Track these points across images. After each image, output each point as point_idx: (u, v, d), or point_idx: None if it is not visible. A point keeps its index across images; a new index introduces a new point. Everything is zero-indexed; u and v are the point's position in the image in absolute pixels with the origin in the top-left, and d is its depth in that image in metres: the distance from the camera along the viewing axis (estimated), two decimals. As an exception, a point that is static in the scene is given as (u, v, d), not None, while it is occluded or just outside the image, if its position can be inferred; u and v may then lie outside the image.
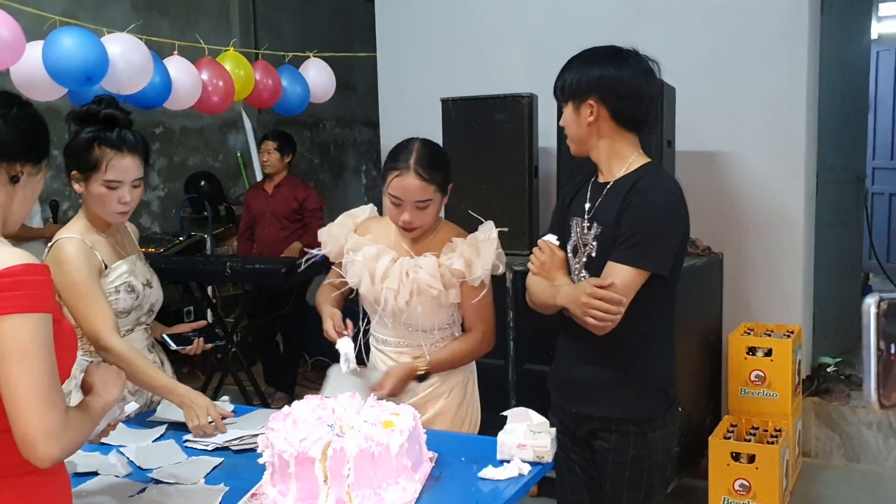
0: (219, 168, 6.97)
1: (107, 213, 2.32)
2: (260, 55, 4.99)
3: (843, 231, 4.91)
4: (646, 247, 2.00)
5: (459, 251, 2.34)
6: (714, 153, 4.18)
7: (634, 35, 4.36)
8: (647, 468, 2.12)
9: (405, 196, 2.27)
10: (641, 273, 2.00)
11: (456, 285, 2.35)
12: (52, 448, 1.38)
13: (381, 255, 2.38)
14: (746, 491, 3.46)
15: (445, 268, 2.33)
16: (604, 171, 2.16)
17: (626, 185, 2.07)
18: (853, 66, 4.91)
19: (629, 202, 2.03)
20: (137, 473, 2.00)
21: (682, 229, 2.09)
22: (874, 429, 4.06)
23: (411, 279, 2.32)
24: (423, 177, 2.25)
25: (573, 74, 2.10)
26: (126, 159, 2.27)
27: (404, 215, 2.29)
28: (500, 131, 3.95)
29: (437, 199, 2.32)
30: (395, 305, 2.33)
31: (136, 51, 3.80)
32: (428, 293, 2.32)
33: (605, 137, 2.10)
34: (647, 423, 2.11)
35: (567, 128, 2.14)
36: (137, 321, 2.44)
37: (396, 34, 4.98)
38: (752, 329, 3.97)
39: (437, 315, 2.38)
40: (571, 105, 2.10)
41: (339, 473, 1.73)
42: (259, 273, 4.71)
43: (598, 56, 2.10)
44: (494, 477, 1.86)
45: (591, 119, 2.08)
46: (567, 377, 2.19)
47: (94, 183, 2.27)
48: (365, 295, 2.41)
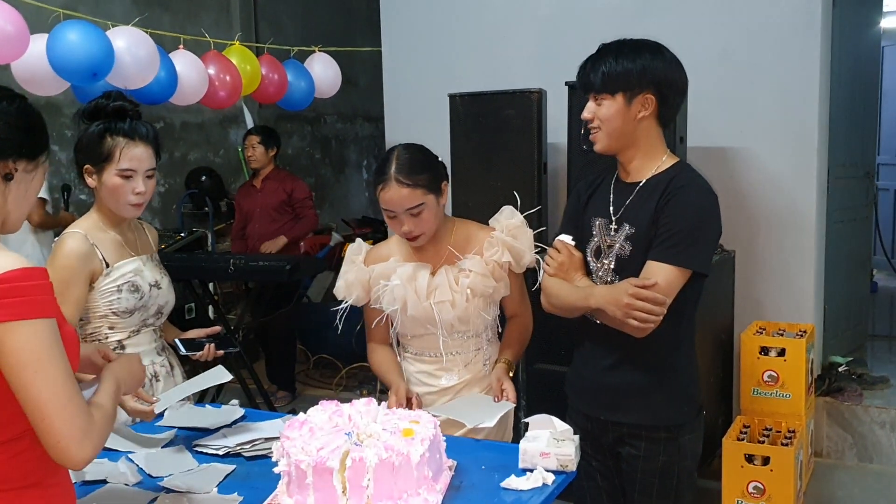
0: (220, 163, 6.91)
1: (121, 205, 2.30)
2: (266, 49, 4.91)
3: (853, 228, 4.86)
4: (687, 245, 1.96)
5: (502, 244, 2.31)
6: (725, 149, 4.13)
7: (644, 29, 4.30)
8: (676, 474, 2.08)
9: (395, 207, 2.23)
10: (684, 272, 1.97)
11: (505, 277, 2.35)
12: (87, 449, 1.37)
13: (417, 271, 2.32)
14: (761, 493, 3.42)
15: (493, 263, 2.31)
16: (631, 170, 2.10)
17: (661, 184, 2.03)
18: (863, 61, 4.85)
19: (667, 201, 1.99)
20: (148, 482, 1.94)
21: (718, 229, 2.06)
22: (887, 428, 4.02)
23: (463, 285, 2.28)
24: (406, 183, 2.20)
25: (626, 64, 2.00)
26: (139, 148, 2.28)
27: (403, 226, 2.25)
28: (509, 127, 3.90)
29: (431, 201, 2.25)
30: (454, 316, 2.29)
31: (143, 45, 3.73)
32: (485, 293, 2.30)
33: (645, 135, 2.05)
34: (678, 429, 2.07)
35: (608, 121, 2.04)
36: (143, 322, 2.39)
37: (401, 28, 4.91)
38: (765, 328, 3.92)
39: (489, 314, 2.37)
40: (621, 97, 2.01)
41: (358, 484, 1.67)
42: (263, 270, 4.65)
43: (646, 47, 2.03)
44: (518, 487, 1.80)
45: (644, 114, 2.01)
46: (594, 384, 2.15)
47: (108, 174, 2.26)
48: (414, 316, 2.32)
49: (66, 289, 2.20)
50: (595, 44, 4.57)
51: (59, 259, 2.23)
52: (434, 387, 2.36)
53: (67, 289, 2.21)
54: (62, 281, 2.19)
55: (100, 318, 2.32)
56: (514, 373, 2.35)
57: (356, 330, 5.79)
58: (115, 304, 2.31)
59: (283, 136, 7.71)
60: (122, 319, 2.34)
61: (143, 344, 2.40)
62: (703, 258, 2.01)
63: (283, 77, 4.70)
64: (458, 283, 2.27)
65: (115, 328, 2.35)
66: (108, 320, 2.33)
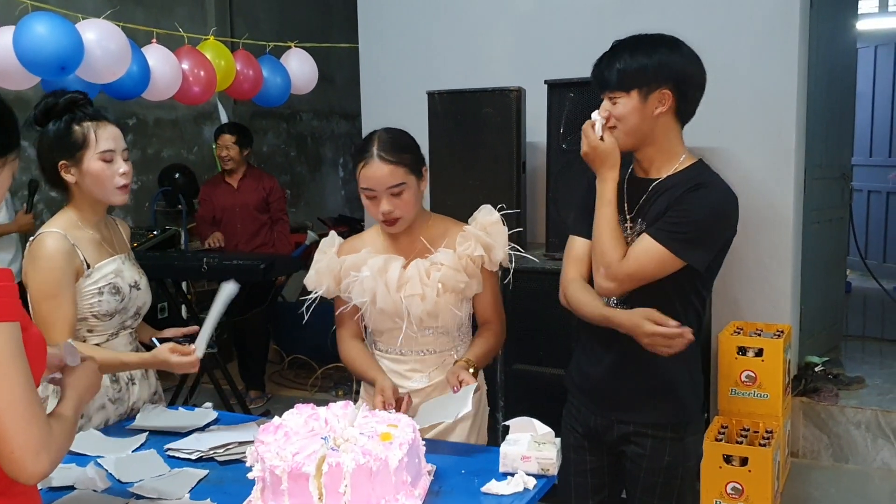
0: (193, 160, 6.81)
1: (108, 191, 2.24)
2: (241, 45, 4.84)
3: (829, 228, 4.88)
4: (692, 238, 1.94)
5: (475, 238, 2.25)
6: (703, 149, 4.06)
7: (624, 28, 4.28)
8: (680, 474, 2.07)
9: (376, 185, 2.17)
10: (676, 260, 1.94)
11: (477, 274, 2.27)
12: (42, 463, 1.30)
13: (389, 263, 2.26)
14: (739, 494, 3.41)
15: (466, 258, 2.24)
16: (649, 167, 2.06)
17: (682, 182, 1.99)
18: (839, 62, 4.87)
19: (688, 192, 1.95)
20: (117, 487, 1.88)
21: (730, 233, 2.02)
22: (862, 429, 4.03)
23: (434, 279, 2.21)
24: (389, 160, 2.15)
25: (641, 59, 1.95)
26: (110, 127, 2.25)
27: (382, 206, 2.18)
28: (488, 125, 3.86)
29: (412, 182, 2.20)
30: (423, 310, 2.21)
31: (114, 38, 3.65)
32: (456, 288, 2.23)
33: (663, 132, 2.01)
34: (684, 429, 2.06)
35: (624, 119, 1.99)
36: (122, 325, 2.32)
37: (379, 24, 4.86)
38: (742, 328, 3.92)
39: (461, 310, 2.29)
40: (637, 94, 1.96)
41: (335, 490, 1.63)
42: (237, 269, 4.58)
43: (662, 42, 1.99)
44: (498, 492, 1.77)
45: (661, 110, 1.97)
46: (601, 382, 2.12)
47: (89, 160, 2.21)
48: (383, 309, 2.25)
49: (60, 291, 2.14)
50: (575, 43, 4.57)
51: (45, 260, 2.15)
52: (403, 388, 2.26)
53: (61, 290, 2.15)
54: (55, 283, 2.13)
55: (79, 321, 2.24)
56: (475, 374, 2.18)
57: (331, 330, 5.75)
58: (96, 307, 2.24)
59: (258, 133, 7.64)
60: (102, 322, 2.27)
61: (121, 347, 2.34)
62: (701, 255, 1.97)
63: (259, 73, 4.64)
64: (429, 277, 2.21)
65: (94, 331, 2.28)
66: (87, 323, 2.26)
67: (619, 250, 1.98)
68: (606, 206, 2.01)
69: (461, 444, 2.15)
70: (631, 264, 1.96)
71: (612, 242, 1.98)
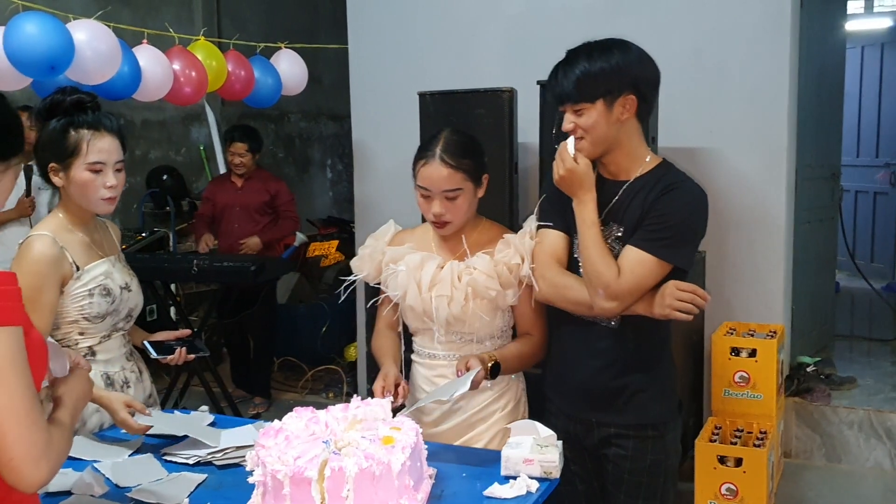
0: (181, 162, 6.77)
1: (92, 201, 2.21)
2: (231, 45, 4.80)
3: (820, 228, 4.91)
4: (674, 241, 1.96)
5: (514, 246, 2.18)
6: (695, 150, 4.12)
7: (614, 29, 4.26)
8: (663, 472, 2.08)
9: (432, 186, 2.15)
10: (663, 265, 1.95)
11: (514, 285, 2.18)
12: (42, 471, 1.27)
13: (425, 261, 2.22)
14: (734, 495, 3.41)
15: (502, 265, 2.17)
16: (615, 169, 2.06)
17: (650, 183, 2.00)
18: (829, 63, 4.90)
19: (661, 195, 1.96)
20: (115, 492, 1.86)
21: (704, 228, 2.05)
22: (855, 429, 4.05)
23: (465, 282, 2.16)
24: (450, 164, 2.13)
25: (600, 67, 1.93)
26: (106, 139, 2.20)
27: (434, 207, 2.16)
28: (480, 126, 3.83)
29: (469, 189, 2.17)
30: (450, 313, 2.16)
31: (104, 38, 3.61)
32: (486, 295, 2.16)
33: (628, 135, 2.01)
34: (664, 427, 2.06)
35: (592, 130, 1.97)
36: (114, 327, 2.30)
37: (369, 25, 4.84)
38: (735, 329, 3.92)
39: (493, 321, 2.21)
40: (602, 103, 1.95)
41: (337, 495, 1.61)
42: (227, 271, 4.56)
43: (615, 47, 1.98)
44: (501, 496, 1.75)
45: (626, 115, 1.97)
46: (581, 384, 2.11)
47: (77, 169, 2.17)
48: (412, 307, 2.22)
49: (38, 295, 2.10)
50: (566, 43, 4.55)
51: (29, 264, 2.12)
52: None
53: (40, 295, 2.11)
54: (33, 287, 2.09)
55: (70, 324, 2.22)
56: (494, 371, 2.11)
57: (322, 332, 5.75)
58: (87, 308, 2.22)
59: (247, 134, 7.60)
60: (93, 324, 2.24)
61: (114, 350, 2.31)
62: (686, 255, 2.00)
63: (250, 73, 4.60)
64: (460, 280, 2.18)
65: (85, 334, 2.25)
66: (78, 326, 2.23)
67: (614, 268, 1.96)
68: (591, 228, 2.00)
69: (463, 448, 2.13)
70: (628, 279, 1.95)
71: (604, 262, 1.97)
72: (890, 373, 4.67)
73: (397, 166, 4.59)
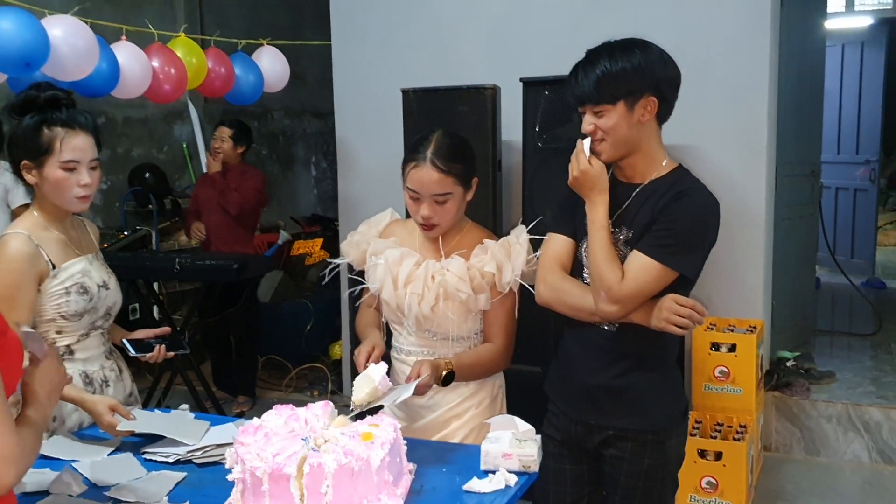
0: (164, 160, 6.73)
1: (67, 199, 2.19)
2: (212, 42, 4.78)
3: (799, 224, 4.95)
4: (682, 248, 1.93)
5: (491, 253, 2.19)
6: (676, 147, 4.06)
7: (595, 28, 4.28)
8: (660, 477, 2.06)
9: (422, 189, 2.15)
10: (669, 272, 1.92)
11: (486, 290, 2.18)
12: (10, 473, 1.26)
13: (404, 258, 2.23)
14: (714, 488, 3.44)
15: (476, 270, 2.18)
16: (630, 172, 2.03)
17: (664, 187, 1.97)
18: (809, 61, 4.94)
19: (672, 200, 1.94)
20: (93, 492, 1.85)
21: (714, 238, 2.01)
22: (833, 422, 4.09)
23: (437, 283, 2.17)
24: (441, 168, 2.13)
25: (621, 66, 1.90)
26: (80, 137, 2.17)
27: (423, 210, 2.16)
28: (463, 123, 3.84)
29: (458, 193, 2.18)
30: (420, 311, 2.17)
31: (81, 35, 3.58)
32: (456, 297, 2.16)
33: (647, 138, 1.98)
34: (665, 432, 2.05)
35: (613, 132, 1.94)
36: (93, 325, 2.29)
37: (352, 21, 4.84)
38: (715, 324, 3.95)
39: (464, 322, 2.22)
40: (623, 105, 1.92)
41: (316, 491, 1.61)
42: (209, 269, 4.55)
43: (636, 47, 1.94)
44: (480, 490, 1.76)
45: (647, 117, 1.94)
46: (583, 387, 2.09)
47: (50, 168, 2.15)
48: (387, 301, 2.24)
49: (16, 293, 2.09)
50: (550, 40, 4.57)
51: (4, 263, 2.11)
52: None
53: (18, 293, 2.10)
54: (11, 285, 2.09)
55: (47, 323, 2.21)
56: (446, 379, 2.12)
57: (306, 330, 5.74)
58: (64, 307, 2.21)
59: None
60: (70, 323, 2.24)
61: (92, 348, 2.30)
62: (694, 264, 1.96)
63: (231, 70, 4.59)
64: (433, 280, 2.19)
65: (63, 332, 2.24)
66: (56, 324, 2.22)
67: (618, 272, 1.94)
68: (600, 231, 1.98)
69: (443, 443, 2.14)
70: (631, 284, 1.92)
71: (609, 266, 1.95)
72: (868, 367, 4.72)
73: (381, 163, 4.60)
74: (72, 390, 2.11)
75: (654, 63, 1.94)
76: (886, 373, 4.59)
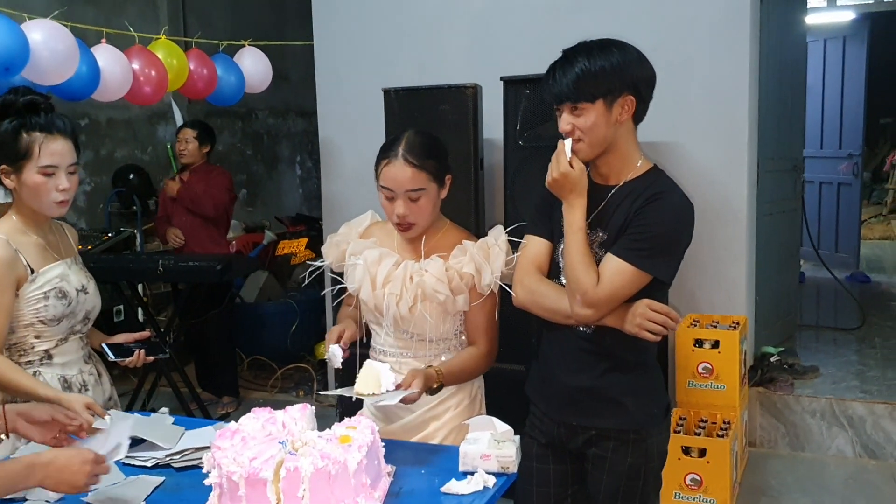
0: (148, 161, 6.71)
1: (45, 204, 2.19)
2: (193, 44, 4.77)
3: (782, 220, 4.97)
4: (657, 251, 1.92)
5: (470, 255, 2.19)
6: (657, 144, 4.14)
7: (577, 24, 4.30)
8: (643, 476, 2.06)
9: (396, 186, 2.15)
10: (643, 275, 1.92)
11: (465, 291, 2.19)
12: None
13: (383, 258, 2.24)
14: (698, 485, 3.45)
15: (454, 271, 2.18)
16: (607, 173, 2.03)
17: (639, 189, 1.97)
18: (790, 56, 4.96)
19: (646, 203, 1.93)
20: (71, 498, 1.84)
21: (689, 239, 2.02)
22: (817, 417, 4.11)
23: (416, 283, 2.17)
24: (413, 163, 2.13)
25: (600, 65, 1.90)
26: (58, 142, 2.16)
27: (398, 208, 2.16)
28: (444, 122, 3.85)
29: (432, 189, 2.17)
30: (398, 312, 2.18)
31: (61, 38, 3.56)
32: (434, 298, 2.16)
33: (623, 138, 1.98)
34: (646, 430, 2.05)
35: (591, 131, 1.94)
36: (71, 330, 2.28)
37: (333, 21, 4.83)
38: (698, 321, 3.97)
39: (442, 323, 2.22)
40: (602, 103, 1.92)
41: (293, 495, 1.61)
42: (193, 271, 4.53)
43: (615, 47, 1.95)
44: (458, 491, 1.77)
45: (623, 117, 1.95)
46: (564, 388, 2.09)
47: (28, 172, 2.14)
48: (365, 301, 2.25)
49: None
50: (530, 39, 4.57)
51: None
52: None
53: None
54: None
55: (25, 328, 2.20)
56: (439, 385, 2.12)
57: (291, 330, 5.73)
58: (42, 311, 2.20)
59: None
60: (49, 327, 2.23)
61: (71, 353, 2.29)
62: (668, 267, 1.96)
63: (213, 72, 4.57)
64: (412, 280, 2.19)
65: (41, 337, 2.23)
66: (34, 329, 2.21)
67: (593, 275, 1.94)
68: (577, 233, 1.98)
69: (422, 445, 2.14)
70: (605, 288, 1.93)
71: (585, 269, 1.95)
72: (852, 361, 4.74)
73: (364, 163, 4.54)
74: (48, 390, 2.11)
75: (632, 62, 1.94)
76: (870, 367, 4.62)
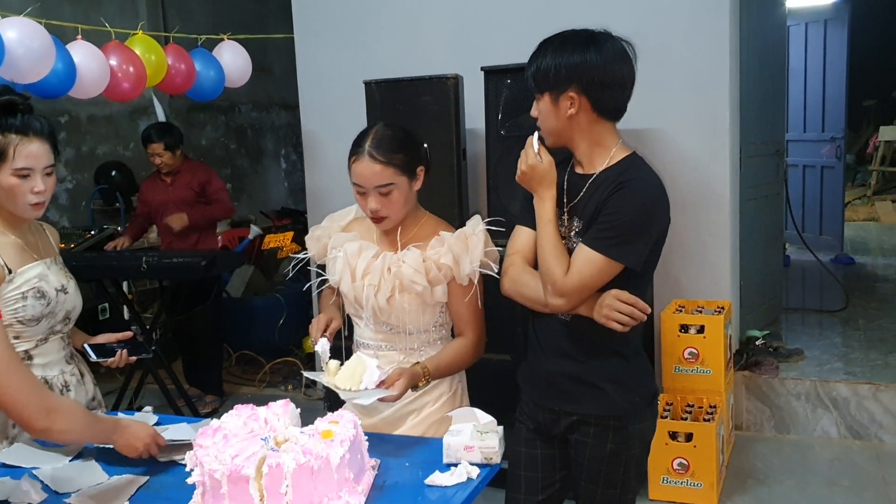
0: (130, 157, 6.66)
1: (20, 206, 2.17)
2: (171, 38, 4.73)
3: (765, 204, 4.99)
4: (624, 240, 1.93)
5: (448, 245, 2.19)
6: (639, 131, 4.14)
7: (558, 12, 4.29)
8: (623, 462, 2.07)
9: (364, 182, 2.15)
10: (613, 264, 1.93)
11: (443, 282, 2.19)
12: None
13: (363, 250, 2.25)
14: (685, 469, 3.47)
15: (431, 262, 2.18)
16: (584, 162, 2.05)
17: (611, 178, 1.97)
18: (771, 40, 4.96)
19: (613, 193, 1.94)
20: (53, 499, 1.84)
21: (661, 225, 2.01)
22: (802, 400, 4.14)
23: (393, 274, 2.18)
24: (379, 159, 2.13)
25: (548, 62, 1.95)
26: (34, 144, 2.14)
27: (370, 203, 2.17)
28: (426, 113, 3.85)
29: (403, 183, 2.17)
30: (376, 303, 2.19)
31: (36, 36, 3.53)
32: (411, 289, 2.17)
33: (585, 129, 1.99)
34: (628, 417, 2.06)
35: (544, 121, 2.00)
36: (51, 330, 2.26)
37: (313, 14, 4.80)
38: (683, 306, 3.98)
39: (421, 315, 2.22)
40: (549, 97, 1.97)
41: (276, 491, 1.61)
42: (177, 267, 4.51)
43: (573, 42, 1.96)
44: (442, 483, 1.77)
45: (571, 112, 1.96)
46: (547, 374, 2.11)
47: (3, 174, 2.12)
48: (346, 293, 2.26)
49: None
50: (511, 29, 4.56)
51: None
52: None
53: None
54: None
55: (4, 328, 2.18)
56: (425, 383, 2.15)
57: (279, 324, 5.72)
58: (21, 311, 2.18)
59: (197, 126, 7.51)
60: (28, 328, 2.21)
61: (52, 353, 2.28)
62: (638, 254, 1.96)
63: (191, 67, 4.53)
64: (390, 272, 2.20)
65: (21, 337, 2.21)
66: (13, 329, 2.19)
67: (563, 266, 1.96)
68: (547, 225, 2.00)
69: (405, 437, 2.14)
70: (575, 278, 1.94)
71: (555, 260, 1.97)
72: (837, 343, 4.77)
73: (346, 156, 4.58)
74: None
75: (586, 62, 1.93)
76: (854, 349, 4.64)
